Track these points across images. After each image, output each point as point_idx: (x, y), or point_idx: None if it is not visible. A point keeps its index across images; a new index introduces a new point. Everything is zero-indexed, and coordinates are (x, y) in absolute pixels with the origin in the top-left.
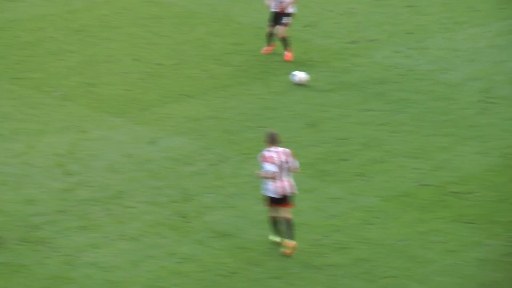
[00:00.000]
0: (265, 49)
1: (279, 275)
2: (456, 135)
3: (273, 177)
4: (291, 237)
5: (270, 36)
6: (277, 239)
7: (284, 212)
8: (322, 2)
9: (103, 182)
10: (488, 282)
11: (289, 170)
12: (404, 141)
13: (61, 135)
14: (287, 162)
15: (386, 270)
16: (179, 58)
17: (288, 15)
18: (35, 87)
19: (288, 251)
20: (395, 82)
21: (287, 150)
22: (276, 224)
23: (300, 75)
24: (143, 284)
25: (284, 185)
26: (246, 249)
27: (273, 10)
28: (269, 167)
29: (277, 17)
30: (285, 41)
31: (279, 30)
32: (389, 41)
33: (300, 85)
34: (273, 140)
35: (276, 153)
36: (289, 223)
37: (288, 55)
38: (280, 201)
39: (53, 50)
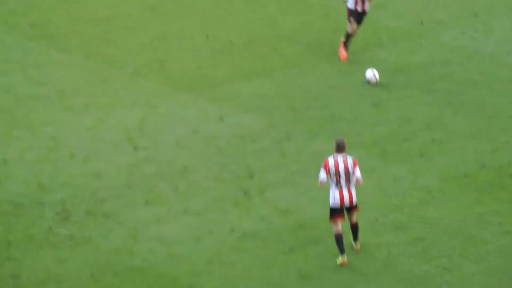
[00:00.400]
0: (342, 53)
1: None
2: None
3: (320, 184)
4: (356, 239)
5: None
6: (341, 259)
7: (350, 216)
8: None
9: (170, 158)
10: None
11: (352, 179)
12: (466, 122)
13: (131, 110)
14: (348, 171)
15: (441, 250)
16: (250, 36)
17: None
18: (108, 62)
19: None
20: (459, 64)
21: (351, 159)
22: (340, 242)
23: (374, 75)
24: (204, 258)
25: (343, 195)
26: (306, 226)
27: (354, 8)
28: (321, 174)
29: (359, 17)
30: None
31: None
32: (456, 22)
33: (369, 82)
34: (338, 147)
35: (337, 161)
36: (354, 227)
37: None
38: (340, 211)
39: (127, 26)
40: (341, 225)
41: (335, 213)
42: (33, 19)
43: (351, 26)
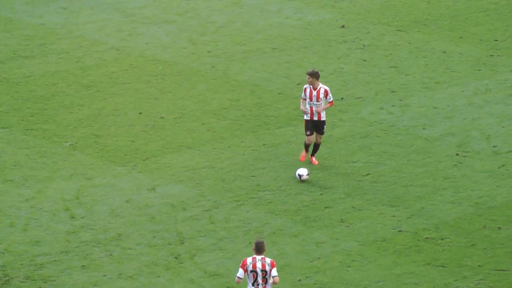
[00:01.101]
0: (302, 155)
1: None
2: (432, 186)
3: (237, 281)
4: None
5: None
6: None
7: None
8: (313, 62)
9: (105, 225)
10: None
11: (268, 280)
12: (384, 190)
13: (68, 181)
14: (265, 271)
15: None
16: (180, 112)
17: (324, 123)
18: (47, 137)
19: None
20: (378, 136)
21: (270, 260)
22: None
23: (303, 174)
24: None
25: None
26: None
27: (308, 118)
28: (238, 272)
29: (316, 126)
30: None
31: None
32: (374, 98)
33: (300, 177)
34: (257, 249)
35: (256, 260)
36: None
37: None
38: None
39: (64, 103)
40: None
41: None
42: None
43: (308, 138)
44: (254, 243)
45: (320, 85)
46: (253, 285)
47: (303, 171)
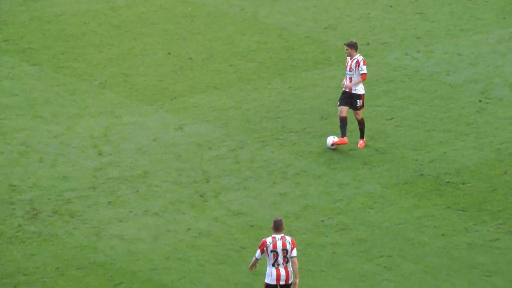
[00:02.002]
0: (339, 141)
1: None
2: (454, 131)
3: (253, 263)
4: None
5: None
6: None
7: None
8: (341, 7)
9: (132, 163)
10: (475, 264)
11: (289, 259)
12: (407, 134)
13: (97, 119)
14: (286, 250)
15: (382, 250)
16: (208, 53)
17: (358, 96)
18: (76, 75)
19: None
20: (402, 82)
21: (289, 238)
22: None
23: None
24: (162, 255)
25: (279, 273)
26: (257, 227)
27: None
28: (257, 253)
29: (349, 98)
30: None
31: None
32: (399, 44)
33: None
34: (276, 227)
35: (275, 240)
36: None
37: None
38: None
39: (94, 42)
40: None
41: None
42: (7, 35)
43: (339, 109)
44: (272, 221)
45: (357, 56)
46: (273, 265)
47: (330, 140)
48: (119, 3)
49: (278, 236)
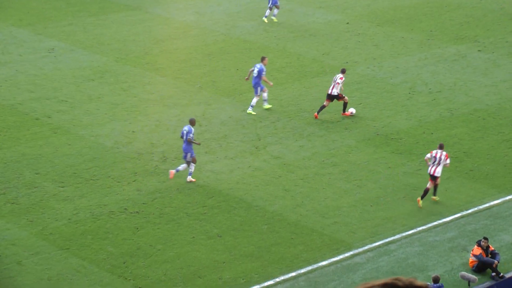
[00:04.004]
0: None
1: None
2: (395, 110)
3: (426, 159)
4: (435, 194)
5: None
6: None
7: (433, 182)
8: (331, 43)
9: (217, 130)
10: (408, 183)
11: (441, 164)
12: (369, 113)
13: (198, 106)
14: (441, 159)
15: (356, 176)
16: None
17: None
18: (186, 82)
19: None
20: (366, 83)
21: (445, 153)
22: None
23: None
24: (234, 181)
25: (435, 170)
26: (287, 164)
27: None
28: (427, 155)
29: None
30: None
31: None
32: (364, 62)
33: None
34: (440, 146)
35: (436, 152)
36: (435, 187)
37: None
38: (430, 177)
39: (195, 64)
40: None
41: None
42: (149, 59)
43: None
44: (438, 145)
45: (341, 75)
46: (433, 164)
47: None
48: (209, 40)
49: (439, 150)
